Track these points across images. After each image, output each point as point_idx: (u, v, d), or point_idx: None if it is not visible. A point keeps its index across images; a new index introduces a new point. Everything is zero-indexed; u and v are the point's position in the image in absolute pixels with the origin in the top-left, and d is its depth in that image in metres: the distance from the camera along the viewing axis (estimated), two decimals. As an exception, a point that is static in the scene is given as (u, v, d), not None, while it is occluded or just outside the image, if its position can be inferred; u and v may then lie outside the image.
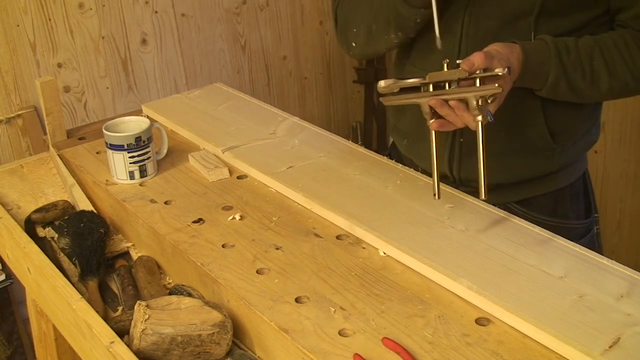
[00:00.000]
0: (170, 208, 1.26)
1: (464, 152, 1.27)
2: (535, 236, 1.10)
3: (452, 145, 1.28)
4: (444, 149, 1.28)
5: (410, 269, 1.06)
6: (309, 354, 0.90)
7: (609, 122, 2.36)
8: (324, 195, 1.23)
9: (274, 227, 1.18)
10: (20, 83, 2.30)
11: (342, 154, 1.38)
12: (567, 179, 1.30)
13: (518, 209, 1.28)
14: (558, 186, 1.30)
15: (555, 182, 1.29)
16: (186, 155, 1.44)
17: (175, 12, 2.59)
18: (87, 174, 1.42)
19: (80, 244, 1.23)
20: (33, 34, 2.29)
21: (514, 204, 1.29)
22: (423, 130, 1.22)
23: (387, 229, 1.12)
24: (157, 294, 1.11)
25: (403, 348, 0.89)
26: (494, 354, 0.89)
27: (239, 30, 2.77)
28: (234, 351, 1.01)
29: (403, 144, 1.39)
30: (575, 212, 1.32)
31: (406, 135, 1.38)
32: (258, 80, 2.89)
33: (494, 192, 1.19)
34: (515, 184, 1.28)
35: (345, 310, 0.98)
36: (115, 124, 1.40)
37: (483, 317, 0.96)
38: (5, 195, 1.46)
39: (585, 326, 0.90)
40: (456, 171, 1.29)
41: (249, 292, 1.02)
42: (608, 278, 0.99)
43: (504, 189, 1.27)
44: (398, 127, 1.40)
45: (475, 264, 1.03)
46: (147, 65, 2.58)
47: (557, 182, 1.29)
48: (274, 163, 1.35)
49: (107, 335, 0.99)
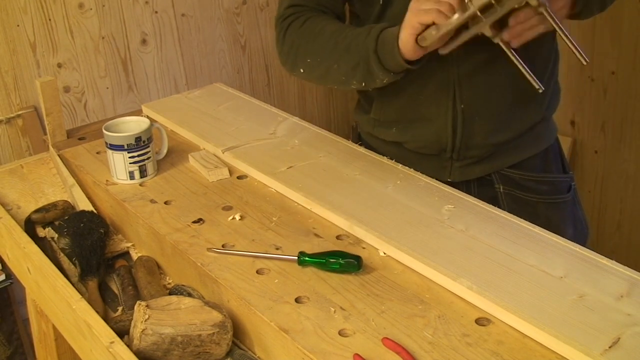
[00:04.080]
0: (170, 208, 1.26)
1: (466, 117, 1.30)
2: (535, 236, 1.10)
3: (454, 112, 1.29)
4: (446, 117, 1.30)
5: (410, 269, 1.06)
6: (309, 354, 0.90)
7: (609, 122, 2.36)
8: (324, 195, 1.23)
9: (274, 227, 1.18)
10: (20, 83, 2.30)
11: (342, 154, 1.38)
12: (550, 137, 1.41)
13: (513, 173, 1.36)
14: (545, 145, 1.40)
15: (543, 141, 1.39)
16: (186, 155, 1.44)
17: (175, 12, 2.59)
18: (87, 174, 1.42)
19: (80, 244, 1.23)
20: (33, 34, 2.29)
21: (509, 169, 1.36)
22: (415, 110, 1.32)
23: (387, 229, 1.13)
24: (157, 294, 1.11)
25: (403, 348, 0.89)
26: (494, 354, 0.89)
27: (239, 30, 2.77)
28: (234, 351, 1.01)
29: (391, 132, 1.38)
30: (558, 169, 1.44)
31: (395, 123, 1.38)
32: (258, 80, 2.89)
33: (491, 159, 1.32)
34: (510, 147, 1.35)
35: (345, 310, 0.98)
36: (115, 124, 1.40)
37: (483, 317, 0.96)
38: (5, 195, 1.46)
39: (585, 326, 0.90)
40: (459, 138, 1.31)
41: (249, 292, 1.02)
42: (608, 278, 0.99)
43: (501, 154, 1.35)
44: (381, 120, 1.40)
45: (475, 264, 1.03)
46: (147, 65, 2.57)
47: (544, 141, 1.40)
48: (274, 163, 1.35)
49: (107, 336, 0.99)
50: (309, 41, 1.30)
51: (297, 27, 1.32)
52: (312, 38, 1.29)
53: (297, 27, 1.32)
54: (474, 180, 1.37)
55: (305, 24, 1.31)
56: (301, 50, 1.31)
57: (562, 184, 1.43)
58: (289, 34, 1.33)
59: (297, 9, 1.34)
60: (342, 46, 1.25)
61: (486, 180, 1.37)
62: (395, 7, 1.25)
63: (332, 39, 1.26)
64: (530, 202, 1.37)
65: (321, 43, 1.28)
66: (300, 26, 1.31)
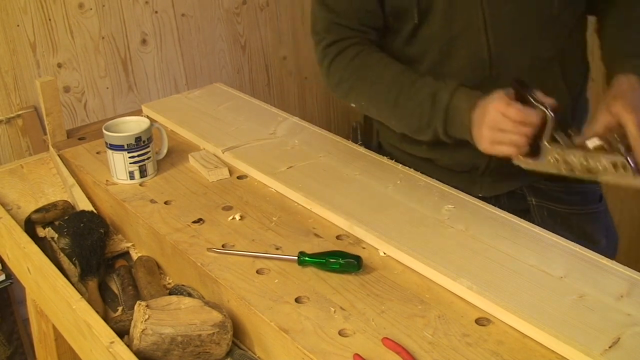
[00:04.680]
0: (170, 208, 1.26)
1: None
2: (535, 236, 1.10)
3: None
4: None
5: (410, 269, 1.06)
6: (309, 354, 0.90)
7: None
8: (324, 195, 1.23)
9: (274, 227, 1.18)
10: (20, 83, 2.30)
11: (342, 154, 1.38)
12: None
13: (543, 185, 1.33)
14: None
15: None
16: (186, 155, 1.44)
17: (175, 12, 2.59)
18: (87, 174, 1.42)
19: (80, 244, 1.23)
20: (33, 34, 2.29)
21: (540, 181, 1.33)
22: None
23: (387, 229, 1.12)
24: (157, 294, 1.11)
25: (403, 348, 0.89)
26: (494, 354, 0.89)
27: (239, 30, 2.77)
28: (234, 351, 1.01)
29: (421, 149, 1.35)
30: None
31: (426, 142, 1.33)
32: (258, 81, 2.89)
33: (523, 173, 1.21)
34: None
35: (345, 310, 0.98)
36: (115, 124, 1.40)
37: (483, 317, 0.96)
38: (5, 195, 1.46)
39: (585, 326, 0.90)
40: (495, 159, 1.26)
41: (249, 292, 1.02)
42: (608, 278, 0.99)
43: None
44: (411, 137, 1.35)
45: (475, 264, 1.03)
46: (147, 65, 2.57)
47: None
48: (274, 163, 1.35)
49: (107, 335, 0.99)
50: (365, 85, 1.28)
51: (346, 61, 1.30)
52: (368, 84, 1.28)
53: (346, 61, 1.30)
54: (505, 194, 1.34)
55: (355, 60, 1.29)
56: (354, 92, 1.30)
57: (593, 194, 1.39)
58: (337, 67, 1.31)
59: (339, 30, 1.31)
60: (405, 110, 1.24)
61: (517, 194, 1.35)
62: (431, 26, 1.24)
63: (392, 94, 1.25)
64: (563, 213, 1.34)
65: (379, 93, 1.27)
66: (350, 61, 1.29)
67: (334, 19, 1.30)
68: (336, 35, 1.31)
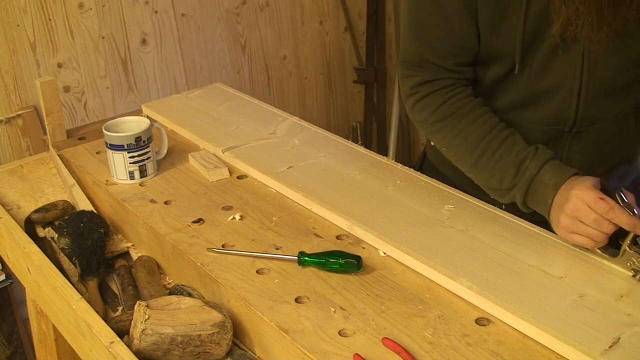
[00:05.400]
0: (170, 208, 1.26)
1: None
2: (535, 236, 1.10)
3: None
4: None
5: (410, 269, 1.06)
6: (309, 354, 0.90)
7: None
8: (324, 195, 1.23)
9: (274, 227, 1.18)
10: (20, 83, 2.30)
11: (342, 154, 1.38)
12: None
13: None
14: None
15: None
16: (186, 155, 1.44)
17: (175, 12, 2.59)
18: (87, 174, 1.42)
19: (80, 244, 1.23)
20: (33, 34, 2.29)
21: None
22: None
23: (387, 229, 1.12)
24: (157, 294, 1.11)
25: (403, 348, 0.89)
26: (494, 354, 0.89)
27: (239, 30, 2.77)
28: (234, 351, 1.01)
29: None
30: None
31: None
32: (258, 80, 2.89)
33: None
34: None
35: (345, 310, 0.98)
36: (115, 124, 1.40)
37: (483, 317, 0.96)
38: (5, 195, 1.46)
39: (585, 326, 0.90)
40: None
41: (249, 292, 1.02)
42: (608, 278, 0.99)
43: None
44: None
45: (475, 264, 1.03)
46: (147, 65, 2.57)
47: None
48: (274, 163, 1.35)
49: (107, 335, 0.99)
50: (447, 137, 1.20)
51: (434, 106, 1.21)
52: (451, 137, 1.20)
53: (434, 106, 1.21)
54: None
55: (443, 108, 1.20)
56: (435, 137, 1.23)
57: None
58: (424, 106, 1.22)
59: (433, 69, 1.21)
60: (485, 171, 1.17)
61: None
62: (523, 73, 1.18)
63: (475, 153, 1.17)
64: None
65: (461, 146, 1.19)
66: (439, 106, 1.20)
67: (429, 56, 1.20)
68: (429, 75, 1.21)
